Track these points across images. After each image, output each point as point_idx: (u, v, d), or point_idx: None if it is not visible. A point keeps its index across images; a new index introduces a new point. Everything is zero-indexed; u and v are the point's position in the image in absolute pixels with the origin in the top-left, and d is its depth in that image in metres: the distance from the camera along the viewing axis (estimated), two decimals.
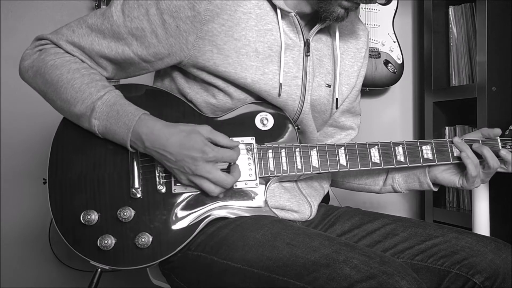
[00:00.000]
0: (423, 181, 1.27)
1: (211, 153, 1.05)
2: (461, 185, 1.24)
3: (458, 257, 1.10)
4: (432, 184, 1.27)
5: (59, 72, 1.10)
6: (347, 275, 0.90)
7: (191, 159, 1.04)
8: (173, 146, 1.05)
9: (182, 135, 1.05)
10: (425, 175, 1.26)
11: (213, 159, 1.05)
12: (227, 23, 1.10)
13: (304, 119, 1.21)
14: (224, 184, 1.07)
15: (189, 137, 1.05)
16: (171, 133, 1.05)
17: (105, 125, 1.08)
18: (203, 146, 1.04)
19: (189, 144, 1.04)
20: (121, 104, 1.08)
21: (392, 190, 1.34)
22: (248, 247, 1.02)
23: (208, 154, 1.04)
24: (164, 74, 1.23)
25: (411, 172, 1.29)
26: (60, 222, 1.09)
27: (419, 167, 1.28)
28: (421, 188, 1.29)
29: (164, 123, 1.07)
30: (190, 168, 1.05)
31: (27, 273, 2.01)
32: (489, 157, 1.19)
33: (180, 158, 1.05)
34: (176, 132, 1.05)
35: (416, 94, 2.37)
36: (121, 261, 1.08)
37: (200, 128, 1.07)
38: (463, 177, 1.24)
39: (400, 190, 1.32)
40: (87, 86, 1.09)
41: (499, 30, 1.79)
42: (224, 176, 1.07)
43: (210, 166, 1.06)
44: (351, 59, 1.31)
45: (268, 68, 1.14)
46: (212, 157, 1.05)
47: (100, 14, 1.12)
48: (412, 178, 1.29)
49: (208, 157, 1.04)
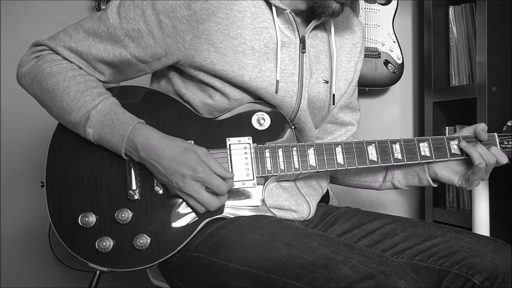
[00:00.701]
0: (422, 177, 1.27)
1: (202, 173, 1.05)
2: (460, 185, 1.24)
3: (458, 257, 1.10)
4: (432, 180, 1.27)
5: (55, 79, 1.11)
6: (346, 275, 0.90)
7: (181, 175, 1.05)
8: (166, 159, 1.05)
9: (178, 150, 1.06)
10: (424, 171, 1.26)
11: (201, 180, 1.06)
12: (223, 21, 1.10)
13: (302, 116, 1.21)
14: (209, 207, 1.08)
15: (184, 153, 1.05)
16: (168, 146, 1.06)
17: (99, 134, 1.08)
18: (196, 164, 1.05)
19: (182, 160, 1.05)
20: (116, 113, 1.08)
21: (392, 187, 1.34)
22: (246, 248, 1.02)
23: (198, 174, 1.05)
24: (161, 75, 1.23)
25: (410, 168, 1.29)
26: (58, 225, 1.09)
27: (417, 164, 1.28)
28: (420, 184, 1.29)
29: (160, 133, 1.08)
30: (178, 184, 1.06)
31: (27, 273, 2.01)
32: (479, 156, 1.19)
33: (170, 172, 1.05)
34: (173, 145, 1.06)
35: (416, 94, 2.37)
36: (120, 263, 1.08)
37: (197, 149, 1.07)
38: (462, 177, 1.23)
39: (400, 186, 1.32)
40: (82, 95, 1.09)
41: (499, 30, 1.79)
42: (210, 198, 1.07)
43: (198, 186, 1.06)
44: (348, 55, 1.31)
45: (264, 66, 1.14)
46: (201, 177, 1.05)
47: (96, 18, 1.13)
48: (411, 174, 1.29)
49: (197, 176, 1.05)
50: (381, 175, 1.35)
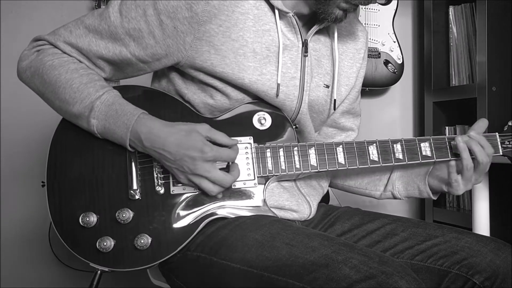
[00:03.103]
0: (422, 190, 1.26)
1: (210, 152, 1.05)
2: (448, 190, 1.21)
3: (458, 257, 1.10)
4: (432, 193, 1.26)
5: (57, 72, 1.10)
6: (346, 275, 0.90)
7: (190, 158, 1.04)
8: (172, 146, 1.05)
9: (181, 134, 1.05)
10: (424, 184, 1.25)
11: (211, 159, 1.05)
12: (224, 23, 1.10)
13: (302, 119, 1.21)
14: (223, 183, 1.07)
15: (188, 136, 1.05)
16: (170, 133, 1.05)
17: (103, 125, 1.08)
18: (202, 145, 1.05)
19: (188, 144, 1.04)
20: (120, 104, 1.08)
21: (392, 197, 1.33)
22: (247, 248, 1.02)
23: (207, 154, 1.04)
24: (162, 75, 1.23)
25: (411, 179, 1.29)
26: (59, 225, 1.09)
27: (419, 165, 1.28)
28: (420, 196, 1.28)
29: (163, 122, 1.07)
30: (189, 167, 1.05)
31: (27, 273, 2.01)
32: (472, 154, 1.17)
33: (179, 157, 1.05)
34: (175, 131, 1.06)
35: (416, 94, 2.37)
36: (121, 263, 1.08)
37: (198, 127, 1.07)
38: (448, 183, 1.20)
39: (400, 197, 1.32)
40: (86, 86, 1.09)
41: (499, 30, 1.79)
42: (223, 175, 1.07)
43: (209, 165, 1.06)
44: (350, 60, 1.30)
45: (266, 69, 1.14)
46: (211, 156, 1.05)
47: (97, 15, 1.12)
48: (411, 186, 1.29)
49: (207, 156, 1.04)
50: (382, 184, 1.34)
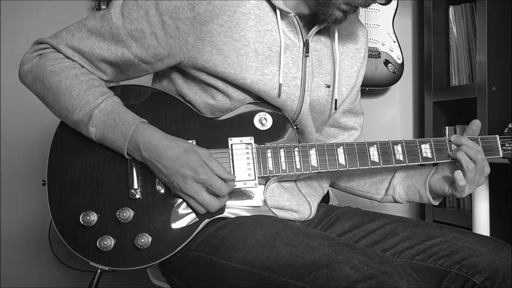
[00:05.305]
0: (423, 195, 1.26)
1: (203, 175, 1.05)
2: (451, 193, 1.20)
3: (458, 257, 1.10)
4: (432, 198, 1.25)
5: (58, 78, 1.10)
6: (347, 275, 0.90)
7: (182, 176, 1.05)
8: (168, 160, 1.05)
9: (180, 150, 1.06)
10: (425, 190, 1.25)
11: (202, 181, 1.05)
12: (226, 23, 1.10)
13: (303, 119, 1.21)
14: (209, 208, 1.08)
15: (185, 154, 1.05)
16: (170, 147, 1.06)
17: (102, 133, 1.08)
18: (197, 166, 1.05)
19: (183, 161, 1.05)
20: (118, 112, 1.08)
21: (393, 200, 1.33)
22: (247, 247, 1.02)
23: (199, 175, 1.05)
24: (163, 75, 1.23)
25: (412, 184, 1.28)
26: (60, 224, 1.09)
27: (420, 168, 1.28)
28: (421, 201, 1.28)
29: (162, 133, 1.08)
30: (180, 185, 1.06)
31: (27, 273, 2.01)
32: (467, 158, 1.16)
33: (172, 173, 1.05)
34: (175, 146, 1.06)
35: (416, 94, 2.37)
36: (121, 262, 1.08)
37: (199, 149, 1.07)
38: (453, 185, 1.20)
39: (401, 201, 1.32)
40: (85, 93, 1.09)
41: (499, 30, 1.79)
42: (211, 200, 1.07)
43: (199, 187, 1.06)
44: (351, 60, 1.31)
45: (267, 69, 1.14)
46: (202, 179, 1.05)
47: (99, 17, 1.12)
48: (412, 191, 1.28)
49: (198, 177, 1.05)
50: (383, 188, 1.34)
